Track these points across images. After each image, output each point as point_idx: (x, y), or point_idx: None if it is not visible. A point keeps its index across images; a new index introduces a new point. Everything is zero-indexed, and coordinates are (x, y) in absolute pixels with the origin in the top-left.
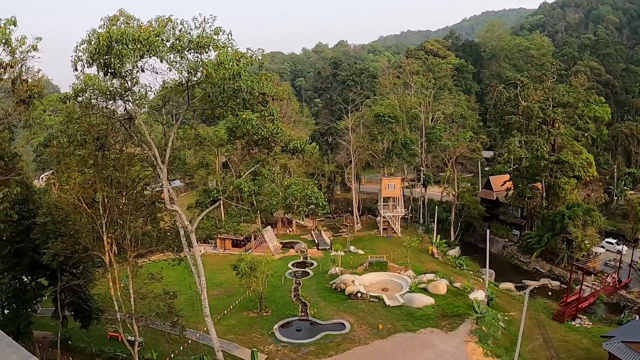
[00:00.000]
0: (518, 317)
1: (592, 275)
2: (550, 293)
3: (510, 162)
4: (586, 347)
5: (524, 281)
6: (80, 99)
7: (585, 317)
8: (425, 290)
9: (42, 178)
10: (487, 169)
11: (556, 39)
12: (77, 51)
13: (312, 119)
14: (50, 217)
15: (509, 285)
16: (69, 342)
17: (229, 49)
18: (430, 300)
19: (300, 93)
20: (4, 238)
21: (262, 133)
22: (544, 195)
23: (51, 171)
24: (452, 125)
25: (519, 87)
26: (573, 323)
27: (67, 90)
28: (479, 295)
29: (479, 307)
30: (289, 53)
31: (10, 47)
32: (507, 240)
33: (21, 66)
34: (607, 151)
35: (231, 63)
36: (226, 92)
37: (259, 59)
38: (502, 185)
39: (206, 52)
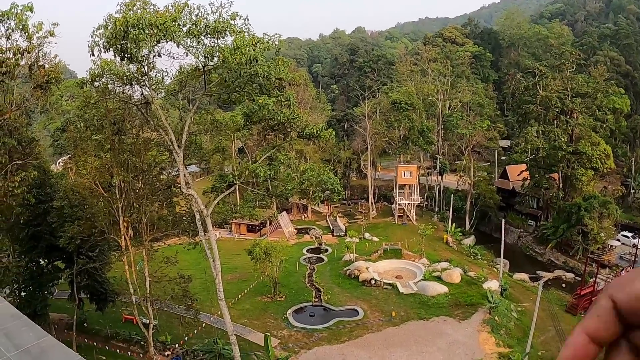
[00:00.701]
0: (531, 308)
1: (607, 268)
2: (564, 285)
3: (527, 152)
4: None
5: (538, 272)
6: (97, 84)
7: None
8: (439, 279)
9: (59, 163)
10: (503, 158)
11: (576, 28)
12: (94, 36)
13: (329, 105)
14: (67, 200)
15: (523, 276)
16: (85, 324)
17: (246, 34)
18: (443, 289)
19: (317, 79)
20: (22, 221)
21: (279, 118)
22: (561, 186)
23: (68, 156)
24: (469, 113)
25: (537, 76)
26: None
27: (84, 76)
28: (492, 285)
29: (492, 296)
30: (306, 39)
31: (27, 33)
32: (522, 230)
33: (38, 52)
34: (625, 143)
35: (248, 48)
36: (243, 77)
37: (275, 44)
38: (518, 175)
39: (223, 37)
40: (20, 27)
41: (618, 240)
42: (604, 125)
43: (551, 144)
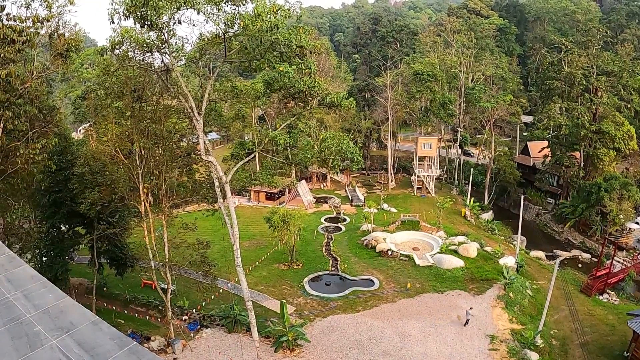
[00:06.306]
0: (546, 286)
1: (624, 251)
2: (580, 265)
3: (549, 129)
4: (611, 323)
5: (555, 251)
6: (117, 51)
7: (613, 292)
8: (455, 252)
9: (80, 130)
10: (525, 133)
11: (604, 4)
12: (114, 3)
13: (350, 74)
14: (88, 167)
15: (540, 254)
16: (104, 289)
17: (267, 1)
18: (459, 263)
19: (338, 48)
20: (43, 188)
21: (299, 86)
22: (582, 165)
23: (89, 123)
24: (492, 87)
25: (562, 52)
26: (600, 297)
27: (104, 44)
28: (508, 261)
29: (507, 273)
30: (328, 8)
31: (46, 2)
32: (541, 207)
33: (58, 20)
34: None
35: (268, 15)
36: (263, 44)
37: (296, 12)
38: (539, 151)
39: (243, 4)
40: None
41: (637, 223)
42: (629, 106)
43: (574, 121)
